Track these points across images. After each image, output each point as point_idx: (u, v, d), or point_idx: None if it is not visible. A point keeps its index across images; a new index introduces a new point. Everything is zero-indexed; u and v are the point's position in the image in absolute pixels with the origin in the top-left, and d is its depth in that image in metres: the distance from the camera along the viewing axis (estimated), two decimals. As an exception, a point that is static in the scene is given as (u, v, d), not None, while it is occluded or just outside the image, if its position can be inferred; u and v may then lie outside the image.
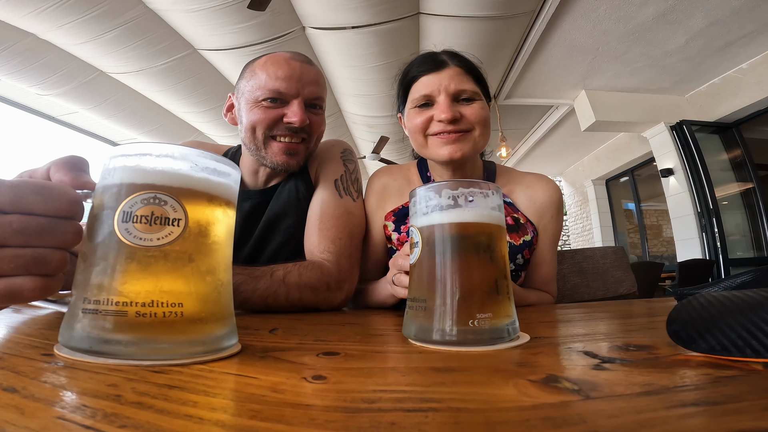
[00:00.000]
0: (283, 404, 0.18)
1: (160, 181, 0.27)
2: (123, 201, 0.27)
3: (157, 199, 0.27)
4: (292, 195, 0.84)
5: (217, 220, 0.30)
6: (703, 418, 0.16)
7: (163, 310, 0.26)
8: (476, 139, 0.74)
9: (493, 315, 0.33)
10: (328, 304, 0.69)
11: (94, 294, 0.26)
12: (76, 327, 0.25)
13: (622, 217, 6.61)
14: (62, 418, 0.15)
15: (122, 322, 0.25)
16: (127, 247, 0.26)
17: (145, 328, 0.25)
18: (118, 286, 0.26)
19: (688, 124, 4.26)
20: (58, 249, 0.28)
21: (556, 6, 2.94)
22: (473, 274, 0.34)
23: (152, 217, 0.27)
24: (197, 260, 0.28)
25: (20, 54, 3.19)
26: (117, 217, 0.27)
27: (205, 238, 0.29)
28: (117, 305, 0.25)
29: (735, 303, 0.24)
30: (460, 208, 0.36)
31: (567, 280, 1.10)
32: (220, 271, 0.30)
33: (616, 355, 0.27)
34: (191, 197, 0.28)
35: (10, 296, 0.27)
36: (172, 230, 0.27)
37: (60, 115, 4.42)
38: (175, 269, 0.27)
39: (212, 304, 0.29)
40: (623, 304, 0.68)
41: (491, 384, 0.22)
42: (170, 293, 0.26)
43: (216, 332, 0.28)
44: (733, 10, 3.05)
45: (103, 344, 0.24)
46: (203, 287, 0.28)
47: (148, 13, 2.90)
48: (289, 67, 0.76)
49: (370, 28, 2.99)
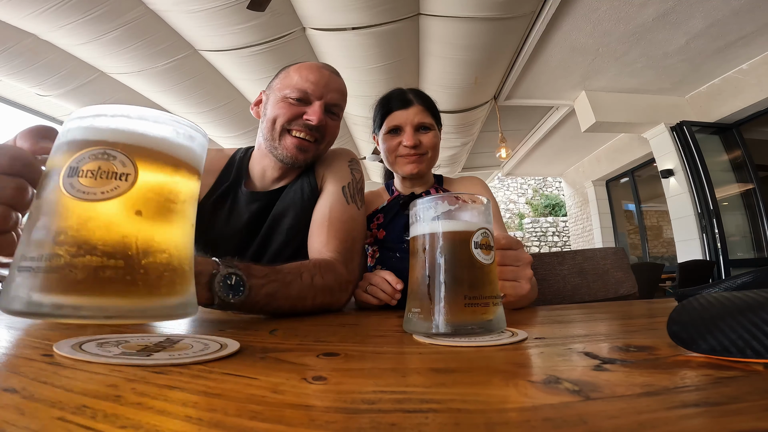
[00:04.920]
0: (283, 405, 0.18)
1: (113, 138, 0.27)
2: (72, 157, 0.26)
3: (106, 155, 0.26)
4: (297, 196, 0.87)
5: (174, 181, 0.29)
6: (704, 418, 0.16)
7: (100, 264, 0.24)
8: (429, 159, 1.03)
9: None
10: (337, 305, 0.69)
11: (31, 251, 0.25)
12: (11, 287, 0.24)
13: (622, 218, 6.61)
14: (62, 418, 0.15)
15: (58, 279, 0.24)
16: (69, 201, 0.25)
17: (81, 285, 0.24)
18: (54, 241, 0.24)
19: (689, 124, 4.26)
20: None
21: (557, 7, 2.94)
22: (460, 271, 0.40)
23: (98, 171, 0.26)
24: (146, 218, 0.27)
25: (21, 54, 3.19)
26: (63, 173, 0.26)
27: (157, 196, 0.28)
28: (51, 260, 0.24)
29: (735, 304, 0.24)
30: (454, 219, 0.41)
31: (567, 281, 1.10)
32: (174, 237, 0.28)
33: (616, 355, 0.27)
34: (144, 155, 0.27)
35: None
36: (119, 185, 0.26)
37: (61, 116, 4.42)
38: (119, 224, 0.26)
39: (161, 267, 0.27)
40: (624, 305, 0.68)
41: (491, 385, 0.22)
42: (110, 249, 0.25)
43: (163, 299, 0.27)
44: (733, 10, 3.06)
45: (37, 305, 0.23)
46: (150, 248, 0.27)
47: (148, 14, 2.90)
48: (320, 73, 0.85)
49: (370, 29, 2.99)
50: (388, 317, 0.57)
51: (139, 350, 0.27)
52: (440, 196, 0.41)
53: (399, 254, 0.96)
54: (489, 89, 4.09)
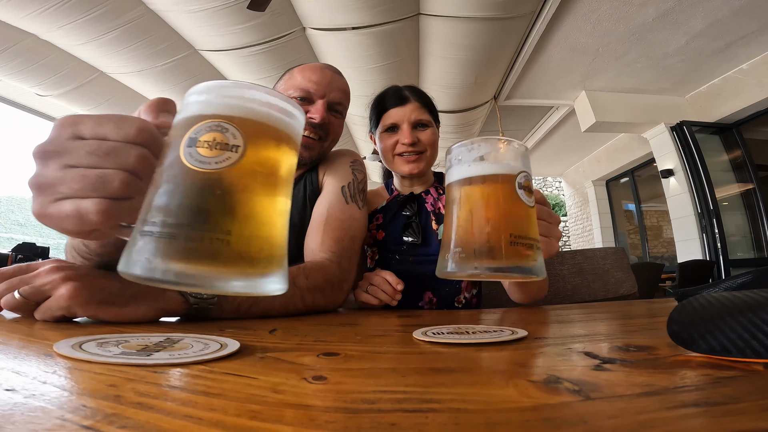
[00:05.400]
0: (283, 405, 0.18)
1: (225, 112, 0.29)
2: (191, 129, 0.28)
3: (220, 127, 0.28)
4: (299, 194, 0.88)
5: (276, 154, 0.30)
6: (704, 418, 0.16)
7: (211, 236, 0.26)
8: (428, 157, 1.00)
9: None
10: (333, 305, 0.69)
11: (152, 215, 0.26)
12: (133, 250, 0.26)
13: (622, 218, 6.61)
14: (62, 418, 0.15)
15: (175, 246, 0.25)
16: (188, 170, 0.27)
17: (193, 254, 0.25)
18: (175, 208, 0.26)
19: (689, 124, 4.26)
20: (123, 170, 0.29)
21: (557, 7, 2.94)
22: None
23: (213, 142, 0.27)
24: (252, 190, 0.28)
25: (21, 54, 3.19)
26: (183, 143, 0.28)
27: (262, 168, 0.29)
28: (170, 226, 0.25)
29: (735, 304, 0.24)
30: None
31: (567, 281, 1.10)
32: (275, 210, 0.30)
33: (616, 355, 0.27)
34: (252, 127, 0.29)
35: (78, 218, 0.28)
36: (230, 155, 0.27)
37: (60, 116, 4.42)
38: (229, 195, 0.27)
39: (262, 241, 0.28)
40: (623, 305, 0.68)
41: (491, 384, 0.22)
42: (221, 219, 0.26)
43: (262, 271, 0.28)
44: (733, 10, 3.06)
45: (155, 270, 0.25)
46: (254, 220, 0.28)
47: (148, 14, 2.90)
48: (322, 73, 0.87)
49: (370, 29, 2.99)
50: (388, 317, 0.57)
51: (139, 350, 0.27)
52: (481, 139, 0.41)
53: (398, 256, 0.95)
54: (489, 89, 4.08)
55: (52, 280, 0.42)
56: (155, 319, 0.47)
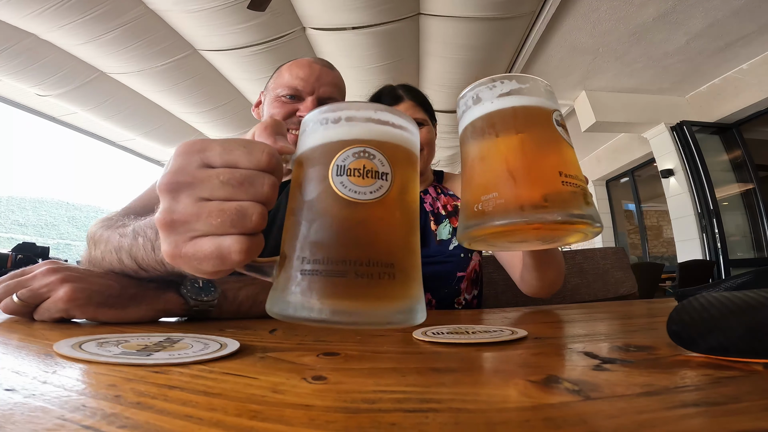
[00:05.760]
0: (283, 405, 0.18)
1: (366, 136, 0.27)
2: (336, 155, 0.26)
3: (367, 153, 0.26)
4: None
5: (413, 177, 0.29)
6: (704, 418, 0.16)
7: (378, 270, 0.25)
8: (425, 156, 0.97)
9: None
10: None
11: (313, 253, 0.25)
12: (294, 292, 0.24)
13: (622, 218, 6.60)
14: (62, 418, 0.15)
15: (343, 284, 0.24)
16: (345, 202, 0.25)
17: (361, 291, 0.24)
18: (339, 244, 0.25)
19: (689, 124, 4.26)
20: (257, 203, 0.27)
21: (557, 7, 2.93)
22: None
23: (364, 170, 0.26)
24: (402, 218, 0.27)
25: (21, 54, 3.19)
26: (332, 171, 0.26)
27: (405, 195, 0.28)
28: (338, 264, 0.24)
29: (735, 304, 0.24)
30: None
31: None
32: (415, 234, 0.29)
33: (616, 355, 0.27)
34: (393, 152, 0.27)
35: (220, 258, 0.26)
36: (382, 184, 0.26)
37: (60, 116, 4.43)
38: (387, 226, 0.26)
39: (415, 270, 0.27)
40: (623, 305, 0.68)
41: (491, 384, 0.22)
42: (385, 252, 0.26)
43: (416, 301, 0.27)
44: (733, 10, 3.05)
45: (325, 308, 0.23)
46: (408, 248, 0.27)
47: (148, 14, 2.90)
48: (310, 68, 0.85)
49: (370, 29, 2.99)
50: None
51: (138, 350, 0.27)
52: (502, 76, 0.34)
53: None
54: (489, 89, 4.08)
55: (50, 281, 0.42)
56: (154, 320, 0.47)
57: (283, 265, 0.26)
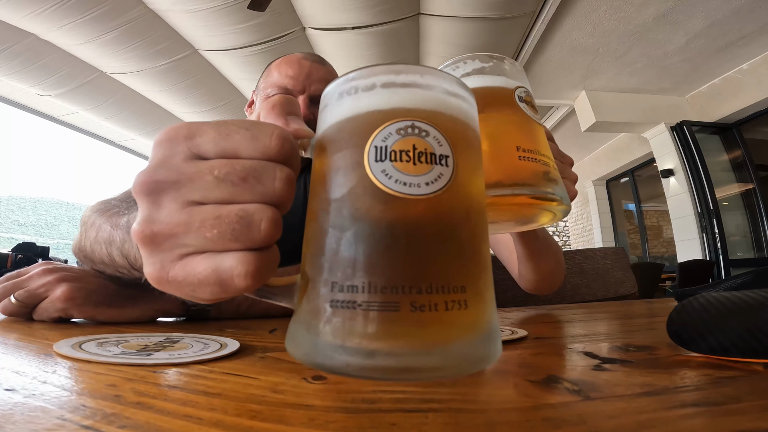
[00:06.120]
0: (283, 405, 0.18)
1: (413, 104, 0.19)
2: (373, 133, 0.18)
3: (416, 129, 0.19)
4: (299, 192, 0.87)
5: (479, 163, 0.21)
6: (704, 418, 0.16)
7: (445, 299, 0.17)
8: None
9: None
10: None
11: (348, 276, 0.17)
12: (324, 331, 0.17)
13: (622, 218, 6.61)
14: (62, 418, 0.15)
15: (396, 321, 0.16)
16: (389, 198, 0.17)
17: (423, 329, 0.17)
18: (385, 262, 0.17)
19: (689, 124, 4.26)
20: (267, 205, 0.19)
21: (557, 7, 2.94)
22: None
23: (415, 152, 0.18)
24: (473, 218, 0.19)
25: (21, 54, 3.19)
26: (368, 156, 0.18)
27: (472, 187, 0.20)
28: (385, 292, 0.17)
29: (735, 304, 0.24)
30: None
31: (567, 280, 1.10)
32: (487, 240, 0.21)
33: (616, 355, 0.27)
34: (451, 127, 0.20)
35: (219, 284, 0.19)
36: (442, 172, 0.18)
37: (60, 116, 4.43)
38: (454, 231, 0.18)
39: (490, 290, 0.20)
40: (623, 305, 0.68)
41: (491, 384, 0.22)
42: (454, 270, 0.18)
43: (495, 334, 0.20)
44: (733, 10, 3.05)
45: (369, 356, 0.16)
46: (482, 261, 0.20)
47: (148, 14, 2.90)
48: (299, 65, 0.81)
49: (370, 29, 2.99)
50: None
51: (138, 350, 0.27)
52: (467, 56, 0.34)
53: None
54: (489, 89, 4.08)
55: (47, 281, 0.42)
56: (153, 319, 0.47)
57: (305, 292, 0.19)
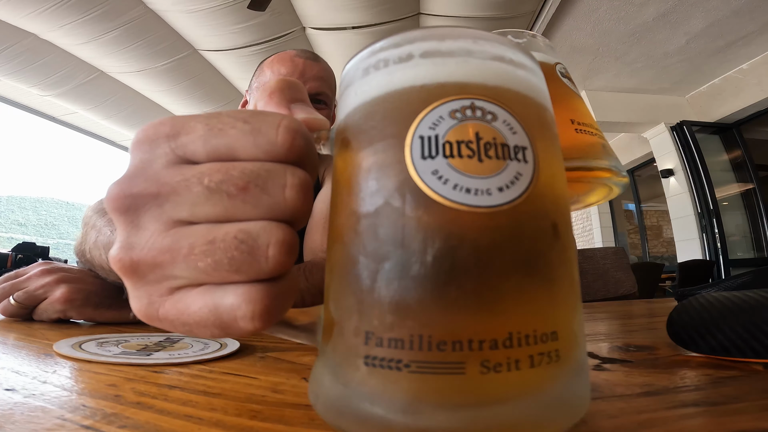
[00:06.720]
0: (283, 404, 0.18)
1: (471, 78, 0.14)
2: (416, 117, 0.13)
3: (477, 109, 0.13)
4: None
5: (558, 153, 0.16)
6: (704, 418, 0.16)
7: (530, 352, 0.12)
8: None
9: None
10: None
11: (385, 324, 0.12)
12: (360, 392, 0.12)
13: (622, 218, 6.60)
14: (62, 417, 0.15)
15: (461, 387, 0.11)
16: (447, 213, 0.12)
17: (499, 393, 0.12)
18: (441, 306, 0.12)
19: (689, 124, 4.26)
20: (277, 221, 0.14)
21: (557, 7, 2.94)
22: None
23: (479, 142, 0.13)
24: (562, 237, 0.14)
25: (21, 54, 3.19)
26: (410, 150, 0.13)
27: (558, 191, 0.15)
28: (443, 349, 0.12)
29: (735, 303, 0.24)
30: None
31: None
32: (576, 262, 0.15)
33: (616, 355, 0.27)
34: (523, 108, 0.14)
35: (220, 326, 0.14)
36: (520, 170, 0.13)
37: (60, 115, 4.43)
38: (539, 257, 0.13)
39: (582, 329, 0.15)
40: (623, 305, 0.68)
41: (491, 384, 0.21)
42: (542, 312, 0.13)
43: (585, 382, 0.15)
44: (733, 10, 3.05)
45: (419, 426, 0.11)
46: (575, 294, 0.15)
47: (148, 14, 2.90)
48: (292, 63, 0.79)
49: (370, 29, 2.99)
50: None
51: (138, 349, 0.27)
52: (500, 32, 0.28)
53: None
54: (489, 89, 4.09)
55: (46, 282, 0.42)
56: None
57: (330, 336, 0.14)
